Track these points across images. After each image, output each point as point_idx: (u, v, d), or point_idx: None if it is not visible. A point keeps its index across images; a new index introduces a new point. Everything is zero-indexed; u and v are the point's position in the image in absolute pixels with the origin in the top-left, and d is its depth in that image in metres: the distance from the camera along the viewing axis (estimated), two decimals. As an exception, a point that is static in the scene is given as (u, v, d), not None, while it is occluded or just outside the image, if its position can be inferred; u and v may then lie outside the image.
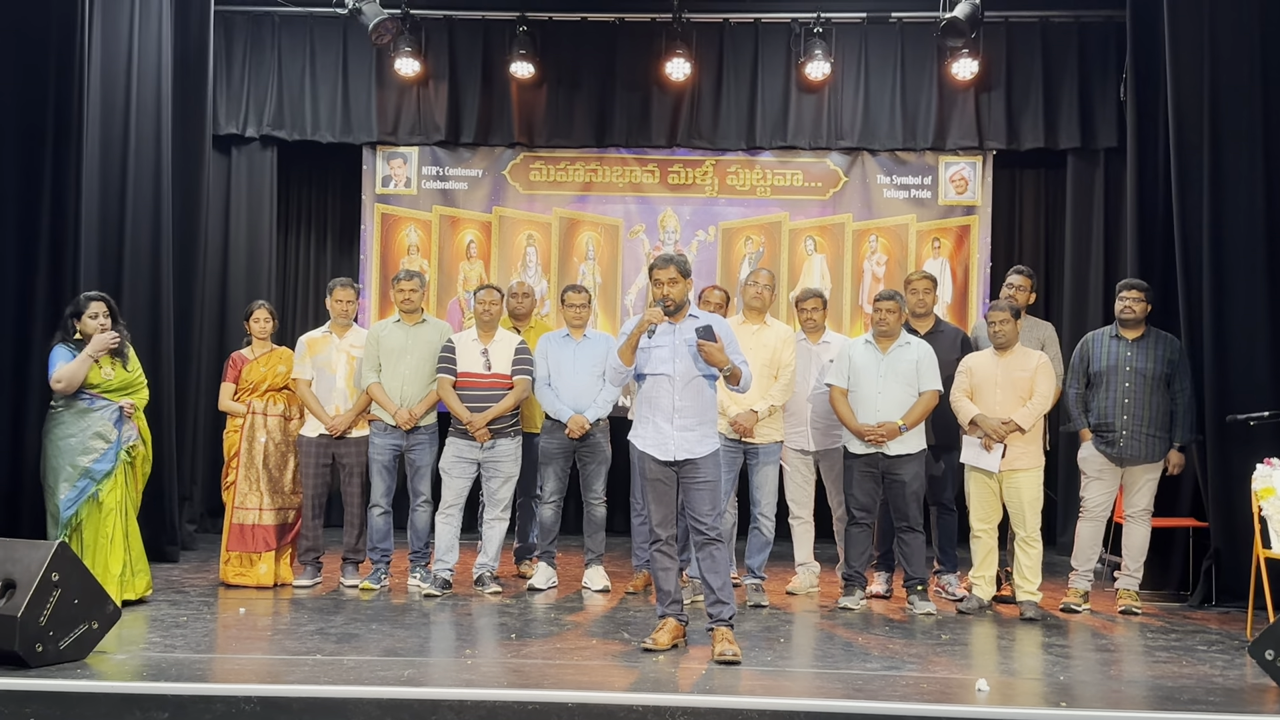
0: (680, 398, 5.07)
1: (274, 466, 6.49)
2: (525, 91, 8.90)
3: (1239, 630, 5.79)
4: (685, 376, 5.07)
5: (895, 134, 8.81)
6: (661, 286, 5.06)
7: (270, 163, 9.05)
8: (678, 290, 5.07)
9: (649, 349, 5.09)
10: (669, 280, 5.05)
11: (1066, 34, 8.65)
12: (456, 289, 9.12)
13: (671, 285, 5.06)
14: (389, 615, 5.74)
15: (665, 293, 5.05)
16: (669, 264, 5.07)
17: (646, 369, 5.13)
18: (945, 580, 6.61)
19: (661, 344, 5.09)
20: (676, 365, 5.07)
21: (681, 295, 5.10)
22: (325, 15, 8.69)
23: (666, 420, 5.08)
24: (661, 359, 5.09)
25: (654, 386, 5.13)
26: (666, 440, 5.09)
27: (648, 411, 5.15)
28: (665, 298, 5.05)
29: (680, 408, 5.07)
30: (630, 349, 5.07)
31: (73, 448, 5.63)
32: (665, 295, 5.05)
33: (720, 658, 4.85)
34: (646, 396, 5.17)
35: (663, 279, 5.06)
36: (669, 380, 5.08)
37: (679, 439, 5.07)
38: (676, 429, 5.07)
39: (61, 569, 4.55)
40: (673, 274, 5.06)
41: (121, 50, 7.17)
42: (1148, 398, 6.21)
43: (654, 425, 5.12)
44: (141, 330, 6.99)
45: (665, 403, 5.09)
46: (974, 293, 8.89)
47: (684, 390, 5.07)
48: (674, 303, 5.06)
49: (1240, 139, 6.52)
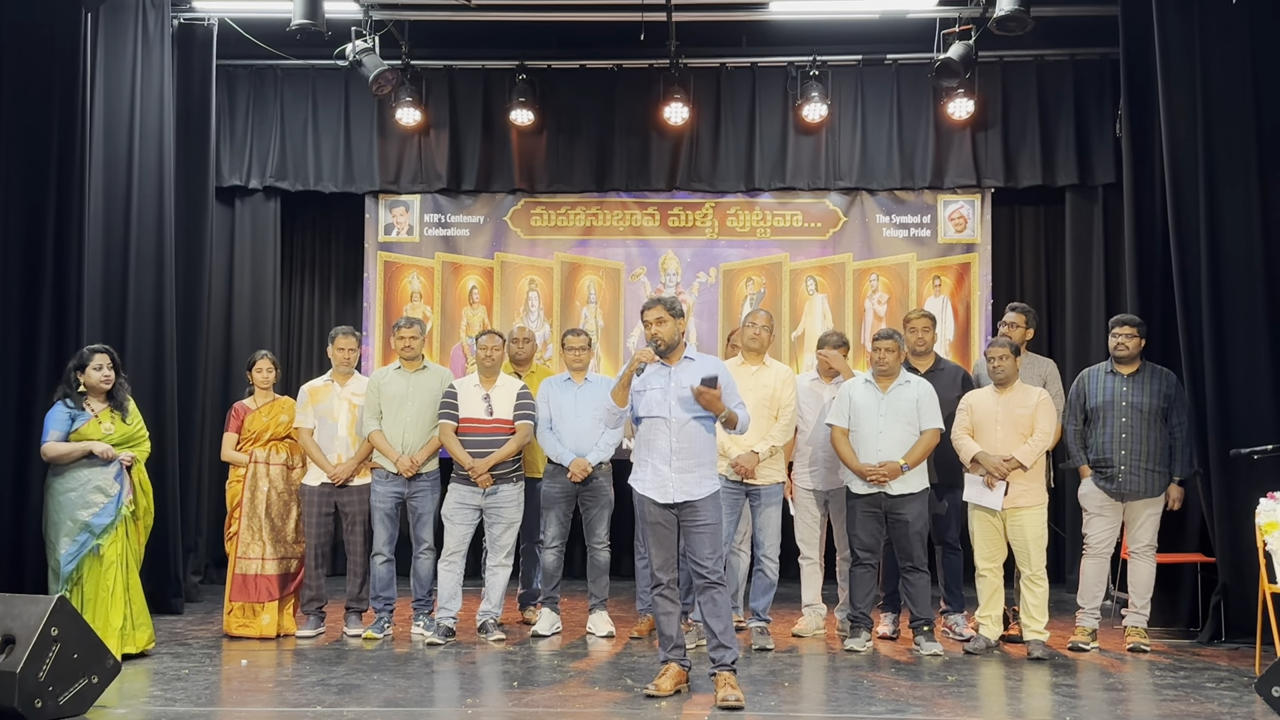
0: (677, 439, 5.09)
1: (276, 516, 6.49)
2: (525, 138, 8.98)
3: (1248, 667, 5.73)
4: (681, 419, 5.10)
5: (893, 173, 8.85)
6: (650, 327, 5.17)
7: (274, 213, 9.12)
8: (666, 330, 5.15)
9: (642, 391, 5.14)
10: (656, 320, 5.16)
11: (1061, 72, 8.71)
12: (459, 335, 9.16)
13: (660, 325, 5.15)
14: (391, 665, 5.71)
15: (654, 333, 5.15)
16: (656, 305, 5.20)
17: (641, 411, 5.17)
18: (952, 620, 6.56)
19: (655, 386, 5.14)
20: (671, 408, 5.10)
21: (671, 335, 5.16)
22: (327, 67, 8.79)
23: (664, 462, 5.10)
24: (655, 401, 5.13)
25: (650, 429, 5.16)
26: (665, 483, 5.10)
27: (645, 454, 5.17)
28: (655, 337, 5.14)
29: (678, 449, 5.09)
30: (623, 388, 5.13)
31: (73, 502, 5.64)
32: (654, 335, 5.15)
33: (723, 703, 4.82)
34: (644, 439, 5.19)
35: (650, 319, 5.18)
36: (665, 423, 5.11)
37: (677, 481, 5.08)
38: (675, 470, 5.08)
39: (61, 623, 4.55)
40: (660, 314, 5.15)
41: (124, 104, 7.27)
42: (1145, 432, 6.20)
43: (652, 468, 5.13)
44: (145, 382, 7.03)
45: (662, 444, 5.11)
46: (976, 330, 8.89)
47: (680, 432, 5.10)
48: (664, 342, 5.12)
49: (1235, 173, 6.54)
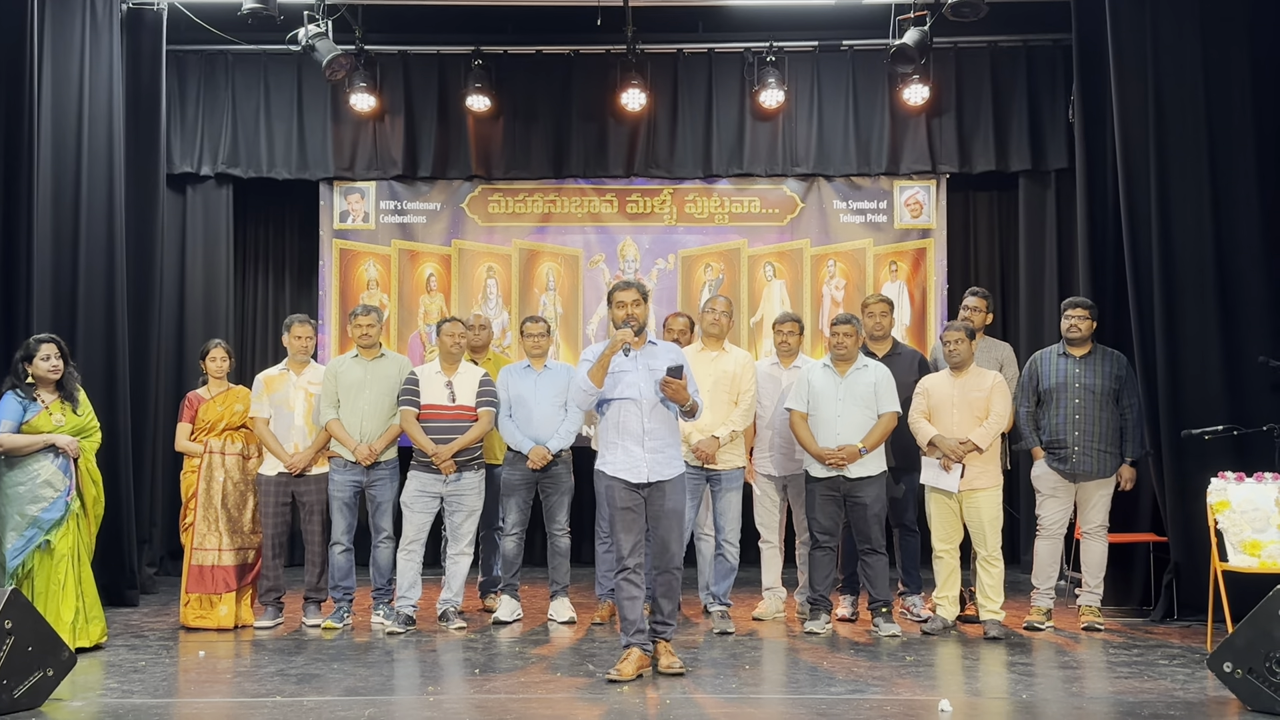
0: (649, 420, 5.18)
1: (233, 506, 6.42)
2: (482, 124, 8.93)
3: (1200, 644, 5.83)
4: (651, 401, 5.19)
5: (850, 159, 8.89)
6: (626, 308, 5.23)
7: (226, 200, 8.99)
8: (641, 311, 5.24)
9: (616, 374, 5.17)
10: (633, 302, 5.24)
11: (1015, 58, 8.79)
12: (417, 323, 9.10)
13: (635, 306, 5.24)
14: (351, 654, 5.68)
15: (630, 313, 5.21)
16: (630, 287, 5.28)
17: (613, 394, 5.20)
18: (910, 601, 6.63)
19: (626, 369, 5.19)
20: (642, 390, 5.17)
21: (644, 316, 5.26)
22: (279, 52, 8.67)
23: (637, 443, 5.17)
24: (629, 383, 5.19)
25: (621, 411, 5.21)
26: (638, 463, 5.16)
27: (615, 436, 5.21)
28: (631, 318, 5.19)
29: (650, 430, 5.18)
30: (603, 370, 5.14)
31: (22, 496, 5.55)
32: (630, 315, 5.20)
33: (668, 669, 5.10)
34: (614, 422, 5.22)
35: (626, 300, 5.24)
36: (635, 404, 5.18)
37: (650, 460, 5.17)
38: (648, 451, 5.17)
39: (14, 616, 4.49)
40: (635, 296, 5.26)
41: (73, 91, 7.14)
42: (1097, 414, 6.28)
43: (624, 449, 5.18)
44: (96, 371, 6.93)
45: (635, 426, 5.17)
46: (932, 315, 8.96)
47: (651, 414, 5.19)
48: (639, 323, 5.19)
49: (1186, 157, 6.64)
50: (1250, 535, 5.53)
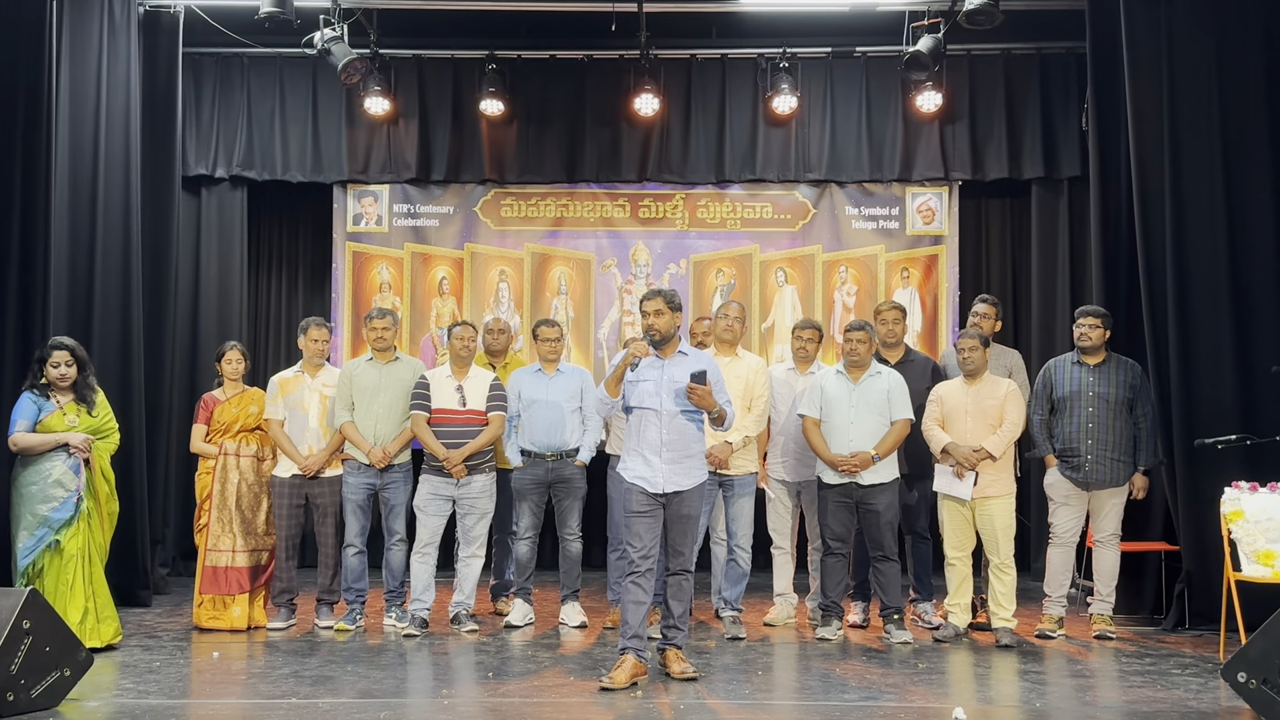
0: (667, 432, 5.16)
1: (247, 508, 6.45)
2: (495, 129, 8.95)
3: (1212, 653, 5.83)
4: (670, 412, 5.16)
5: (862, 166, 8.90)
6: (648, 318, 5.19)
7: (240, 203, 9.03)
8: (663, 322, 5.18)
9: (635, 383, 5.18)
10: (654, 312, 5.18)
11: (1028, 66, 8.79)
12: (429, 326, 9.12)
13: (657, 317, 5.17)
14: (364, 656, 5.70)
15: (651, 324, 5.17)
16: (656, 296, 5.22)
17: (633, 402, 5.21)
18: (921, 609, 6.63)
19: (648, 378, 5.17)
20: (662, 400, 5.15)
21: (668, 327, 5.19)
22: (294, 56, 8.71)
23: (655, 453, 5.16)
24: (647, 393, 5.17)
25: (641, 420, 5.21)
26: (655, 474, 5.16)
27: (635, 444, 5.22)
28: (650, 328, 5.16)
29: (668, 441, 5.16)
30: (615, 381, 5.15)
31: (34, 495, 5.59)
32: (650, 326, 5.17)
33: (682, 675, 5.10)
34: (635, 429, 5.24)
35: (649, 310, 5.20)
36: (655, 415, 5.17)
37: (667, 472, 5.15)
38: (665, 462, 5.15)
39: (33, 616, 4.51)
40: (659, 306, 5.18)
41: (90, 93, 7.18)
42: (1110, 422, 6.28)
43: (642, 458, 5.18)
44: (112, 373, 6.96)
45: (653, 436, 5.16)
46: (943, 321, 8.96)
47: (670, 425, 5.17)
48: (659, 334, 5.15)
49: (1200, 166, 6.64)
50: (1264, 545, 5.52)
